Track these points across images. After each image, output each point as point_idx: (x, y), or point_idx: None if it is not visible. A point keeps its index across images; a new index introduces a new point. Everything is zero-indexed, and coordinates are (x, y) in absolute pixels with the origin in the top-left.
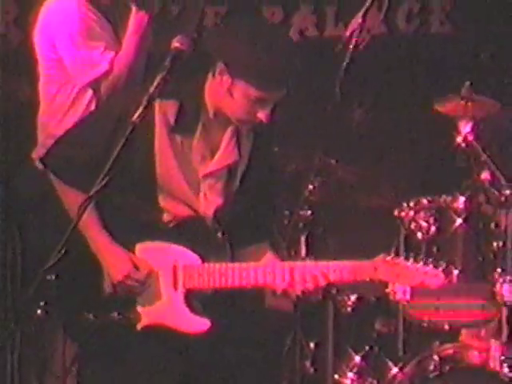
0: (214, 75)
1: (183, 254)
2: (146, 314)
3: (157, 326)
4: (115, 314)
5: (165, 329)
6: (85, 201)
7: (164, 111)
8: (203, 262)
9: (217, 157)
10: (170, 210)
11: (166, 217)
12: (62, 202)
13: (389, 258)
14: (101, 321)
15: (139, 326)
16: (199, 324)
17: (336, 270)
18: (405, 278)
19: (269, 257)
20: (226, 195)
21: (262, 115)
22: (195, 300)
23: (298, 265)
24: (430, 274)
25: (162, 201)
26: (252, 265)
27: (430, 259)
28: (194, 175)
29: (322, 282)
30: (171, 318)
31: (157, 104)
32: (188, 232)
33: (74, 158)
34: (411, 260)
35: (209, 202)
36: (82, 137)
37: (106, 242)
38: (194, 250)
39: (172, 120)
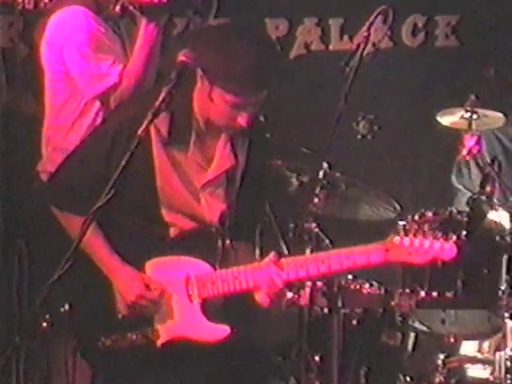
0: (196, 82)
1: (194, 265)
2: (165, 330)
3: (177, 341)
4: (133, 336)
5: (185, 342)
6: (87, 217)
7: (156, 124)
8: (215, 269)
9: (214, 165)
10: (176, 223)
11: (172, 231)
12: (66, 230)
13: (399, 238)
14: (119, 344)
15: (159, 343)
16: (219, 331)
17: (348, 256)
18: (417, 255)
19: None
20: (229, 200)
21: (241, 120)
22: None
23: (309, 257)
24: (442, 248)
25: (167, 215)
26: (265, 263)
27: (440, 233)
28: (193, 185)
29: (336, 271)
30: (191, 330)
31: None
32: (196, 243)
33: (75, 183)
34: (421, 237)
35: (212, 209)
36: (84, 157)
37: (116, 262)
38: (203, 259)
39: (165, 133)
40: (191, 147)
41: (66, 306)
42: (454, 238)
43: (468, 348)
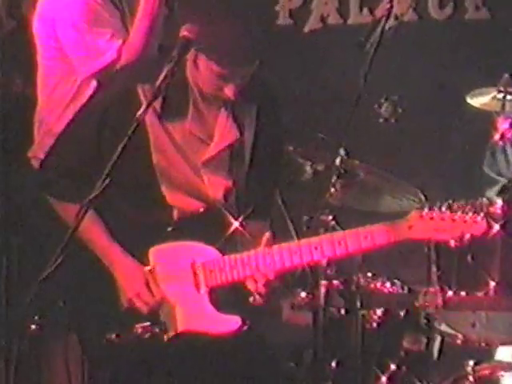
0: None
1: (200, 251)
2: (172, 323)
3: (185, 334)
4: (139, 329)
5: (194, 335)
6: (83, 206)
7: (147, 97)
8: (223, 255)
9: (215, 139)
10: (178, 204)
11: (175, 214)
12: (63, 220)
13: (424, 213)
14: (124, 339)
15: (166, 337)
16: (230, 323)
17: (367, 235)
18: (443, 231)
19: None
20: (235, 177)
21: (228, 91)
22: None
23: (324, 238)
24: (471, 223)
25: (168, 194)
26: (275, 247)
27: (469, 206)
28: (194, 161)
29: (354, 252)
30: (199, 322)
31: (139, 89)
32: (202, 226)
33: (67, 168)
34: (448, 211)
35: (215, 186)
36: (73, 138)
37: (117, 253)
38: (210, 244)
39: (158, 106)
40: (189, 120)
41: (62, 302)
42: (485, 210)
43: (503, 354)
